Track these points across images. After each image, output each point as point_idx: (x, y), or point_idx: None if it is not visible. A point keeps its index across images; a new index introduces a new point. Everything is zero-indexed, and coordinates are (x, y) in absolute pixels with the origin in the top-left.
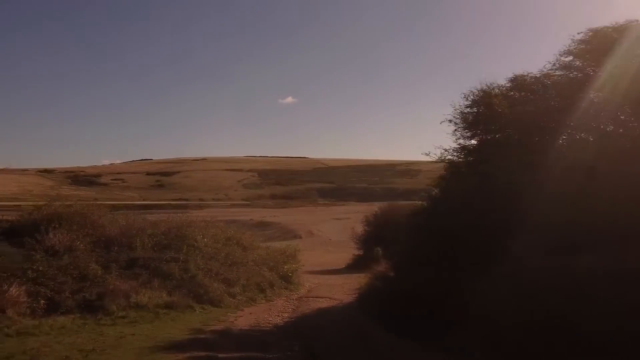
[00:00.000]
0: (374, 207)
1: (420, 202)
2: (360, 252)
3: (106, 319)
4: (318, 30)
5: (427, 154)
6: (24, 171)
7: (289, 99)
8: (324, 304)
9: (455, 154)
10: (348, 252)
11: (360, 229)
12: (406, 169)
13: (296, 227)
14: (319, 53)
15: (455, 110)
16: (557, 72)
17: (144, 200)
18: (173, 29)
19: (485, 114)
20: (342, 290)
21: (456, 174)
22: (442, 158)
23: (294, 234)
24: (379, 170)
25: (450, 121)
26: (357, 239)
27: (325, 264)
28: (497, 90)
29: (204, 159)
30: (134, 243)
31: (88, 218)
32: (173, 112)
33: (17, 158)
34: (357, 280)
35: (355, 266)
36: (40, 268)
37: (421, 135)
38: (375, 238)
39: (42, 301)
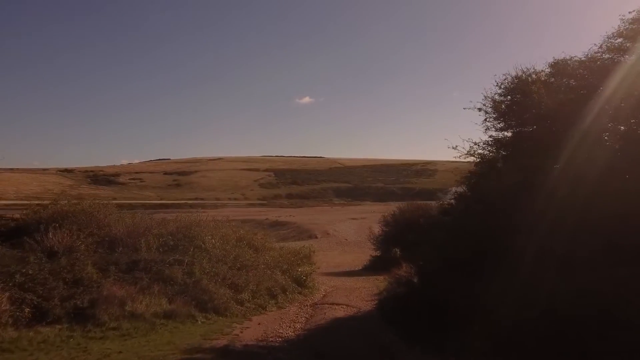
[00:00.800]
0: (391, 207)
1: (447, 200)
2: (378, 253)
3: (95, 330)
4: (337, 31)
5: (453, 147)
6: (44, 170)
7: (307, 99)
8: (340, 312)
9: (486, 147)
10: (365, 253)
11: (377, 229)
12: (423, 169)
13: (312, 227)
14: (337, 54)
15: (486, 98)
16: (605, 55)
17: (161, 199)
18: (192, 30)
19: (521, 103)
20: (360, 295)
21: (491, 169)
22: (472, 152)
23: (310, 233)
24: (396, 170)
25: (479, 109)
26: (375, 239)
27: (342, 265)
28: (534, 77)
29: (220, 159)
30: (138, 244)
31: (94, 217)
32: (191, 112)
33: (39, 158)
34: (376, 284)
35: (372, 268)
36: (30, 271)
37: (438, 135)
38: (394, 239)
39: (27, 309)
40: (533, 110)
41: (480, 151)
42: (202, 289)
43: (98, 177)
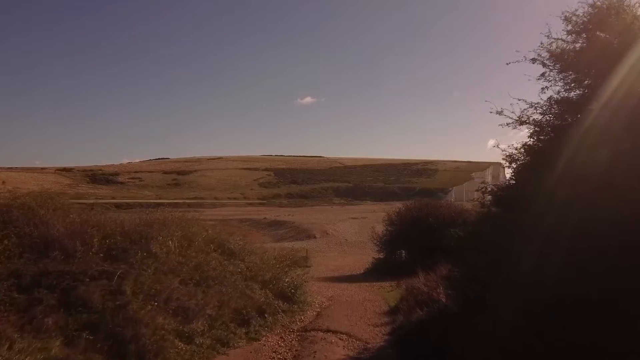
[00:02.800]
0: (396, 205)
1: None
2: (382, 255)
3: None
4: (338, 31)
5: (498, 113)
6: (43, 170)
7: (308, 99)
8: (338, 348)
9: (549, 111)
10: (367, 255)
11: (380, 228)
12: (423, 168)
13: (311, 227)
14: (339, 54)
15: (545, 45)
16: None
17: (159, 199)
18: (193, 29)
19: (601, 47)
20: (365, 314)
21: (560, 140)
22: (525, 119)
23: (308, 233)
24: (396, 169)
25: (534, 61)
26: (378, 240)
27: (341, 269)
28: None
29: (220, 158)
30: (76, 247)
31: (33, 212)
32: (191, 111)
33: (40, 157)
34: (383, 294)
35: (375, 271)
36: None
37: (438, 134)
38: (399, 239)
39: None
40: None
41: (536, 116)
42: (126, 319)
43: (97, 177)
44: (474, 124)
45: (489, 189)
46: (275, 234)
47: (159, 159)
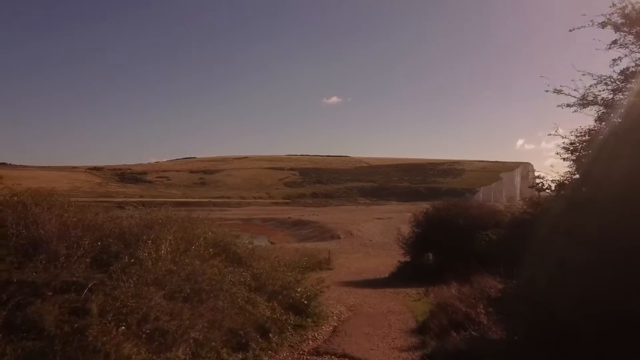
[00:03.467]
0: (422, 205)
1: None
2: (407, 258)
3: None
4: (365, 32)
5: (557, 91)
6: (74, 168)
7: (334, 99)
8: None
9: (622, 87)
10: (392, 257)
11: (406, 229)
12: (450, 168)
13: (335, 227)
14: (365, 54)
15: (618, 6)
16: None
17: (186, 197)
18: (220, 30)
19: None
20: (390, 333)
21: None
22: (591, 98)
23: (332, 234)
24: (422, 169)
25: (603, 25)
26: (404, 242)
27: (366, 271)
28: None
29: (246, 158)
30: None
31: (28, 210)
32: (217, 111)
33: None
34: (409, 305)
35: (401, 276)
36: None
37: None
38: (426, 241)
39: None
40: None
41: (607, 95)
42: (82, 348)
43: (126, 175)
44: (502, 124)
45: (547, 186)
46: (299, 234)
47: (185, 158)
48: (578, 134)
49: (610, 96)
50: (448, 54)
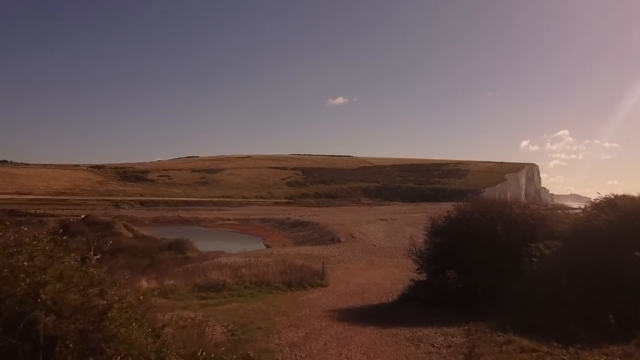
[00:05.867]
0: (425, 206)
1: None
2: (423, 277)
3: None
4: (373, 34)
5: None
6: (76, 167)
7: (340, 99)
8: None
9: None
10: (399, 267)
11: (411, 232)
12: (454, 169)
13: (336, 229)
14: (371, 56)
15: None
16: None
17: (187, 197)
18: (227, 32)
19: None
20: None
21: None
22: None
23: (332, 236)
24: (426, 169)
25: None
26: (418, 254)
27: (368, 289)
28: None
29: (249, 157)
30: None
31: None
32: (222, 110)
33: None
34: None
35: (414, 299)
36: None
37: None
38: (448, 255)
39: None
40: None
41: None
42: None
43: (127, 174)
44: (507, 125)
45: None
46: (297, 236)
47: (188, 157)
48: None
49: None
50: (453, 55)
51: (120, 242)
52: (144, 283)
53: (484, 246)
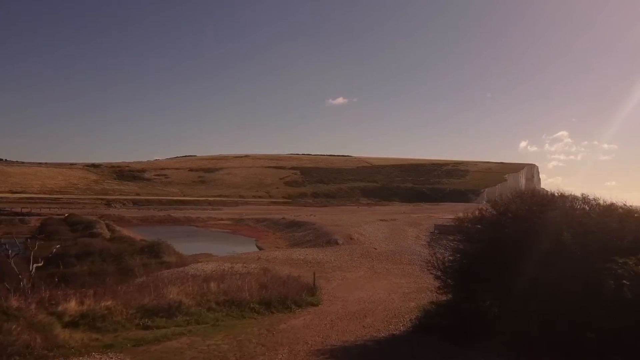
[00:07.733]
0: (425, 206)
1: None
2: (447, 297)
3: None
4: (373, 35)
5: None
6: (72, 165)
7: (340, 99)
8: None
9: None
10: (404, 275)
11: (413, 233)
12: (454, 169)
13: (333, 230)
14: (372, 56)
15: None
16: None
17: (184, 196)
18: (225, 31)
19: None
20: None
21: None
22: None
23: (329, 238)
24: (425, 169)
25: None
26: (440, 267)
27: (371, 310)
28: None
29: (246, 156)
30: None
31: None
32: (221, 109)
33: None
34: None
35: (436, 330)
36: None
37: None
38: (484, 271)
39: None
40: None
41: None
42: None
43: (124, 173)
44: (506, 125)
45: None
46: (292, 237)
47: (186, 156)
48: None
49: None
50: (453, 56)
51: (91, 244)
52: (71, 305)
53: (540, 259)
